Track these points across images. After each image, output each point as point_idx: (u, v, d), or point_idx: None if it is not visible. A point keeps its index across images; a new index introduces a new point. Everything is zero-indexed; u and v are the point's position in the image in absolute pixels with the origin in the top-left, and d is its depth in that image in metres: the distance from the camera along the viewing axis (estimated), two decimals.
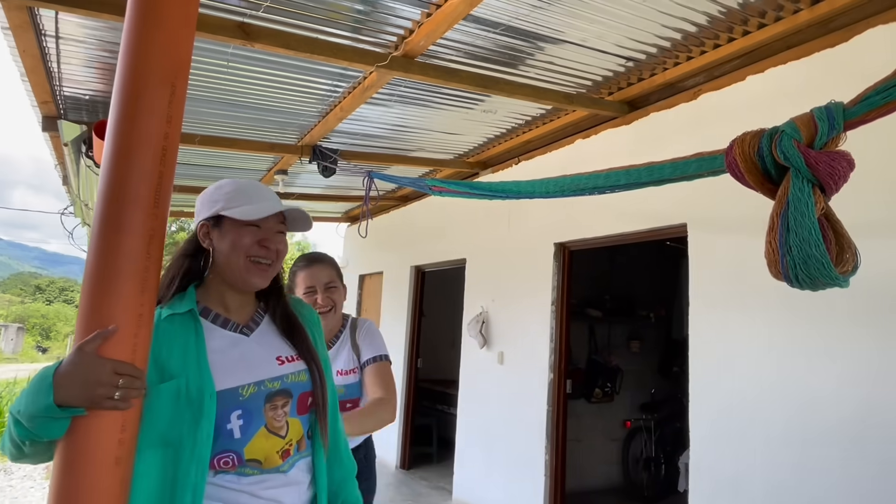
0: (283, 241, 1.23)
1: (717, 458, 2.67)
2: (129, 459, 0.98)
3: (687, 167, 1.33)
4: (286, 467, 1.16)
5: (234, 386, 1.12)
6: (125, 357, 0.97)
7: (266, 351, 1.20)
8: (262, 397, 1.14)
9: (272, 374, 1.17)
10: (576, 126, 3.76)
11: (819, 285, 1.06)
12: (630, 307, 5.44)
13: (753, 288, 2.61)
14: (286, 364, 1.20)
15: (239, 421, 1.11)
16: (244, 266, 1.18)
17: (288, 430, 1.17)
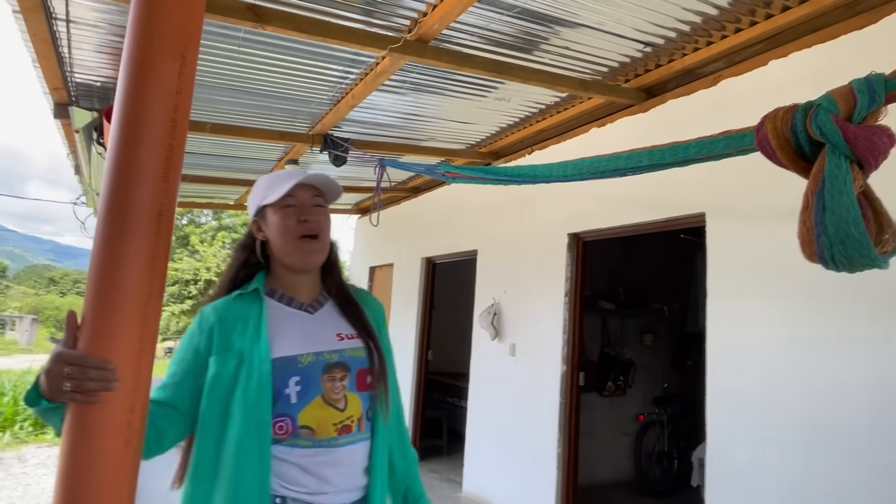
0: (322, 212, 1.27)
1: (733, 451, 2.62)
2: (138, 441, 0.95)
3: (714, 146, 1.27)
4: (342, 442, 1.18)
5: (293, 354, 1.18)
6: (135, 335, 0.94)
7: (327, 327, 1.26)
8: (320, 367, 1.19)
9: (331, 347, 1.22)
10: (591, 114, 3.69)
11: (857, 266, 1.00)
12: (643, 300, 5.37)
13: (773, 278, 2.54)
14: (345, 340, 1.25)
15: (297, 387, 1.16)
16: (294, 246, 1.24)
17: (347, 404, 1.20)
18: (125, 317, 0.94)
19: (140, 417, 0.96)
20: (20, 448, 5.83)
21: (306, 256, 1.24)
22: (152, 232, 0.97)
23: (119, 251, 0.95)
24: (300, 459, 1.15)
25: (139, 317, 0.95)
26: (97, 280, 0.95)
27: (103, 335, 0.93)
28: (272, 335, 1.19)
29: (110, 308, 0.93)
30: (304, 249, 1.24)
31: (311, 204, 1.27)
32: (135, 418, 0.94)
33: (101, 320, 0.94)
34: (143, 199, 0.97)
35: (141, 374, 0.95)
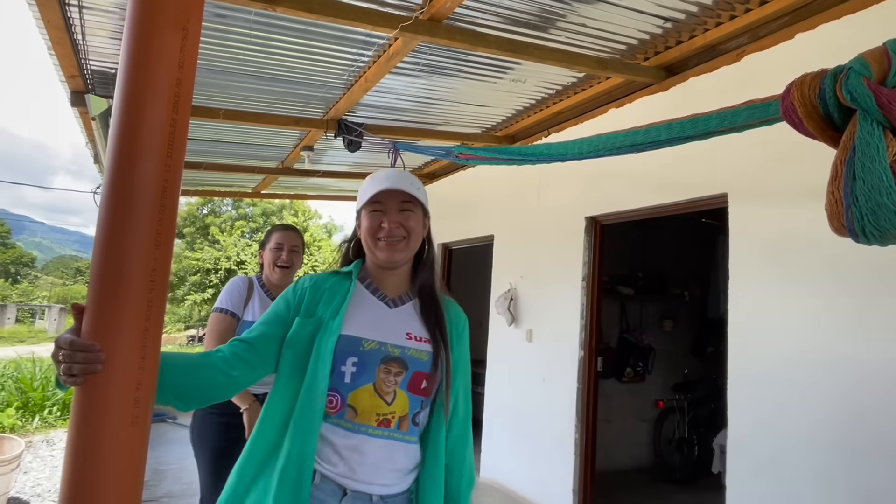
0: (408, 217, 1.34)
1: (756, 438, 2.56)
2: (145, 419, 0.95)
3: (736, 117, 1.21)
4: (377, 433, 1.22)
5: (359, 336, 1.25)
6: (141, 312, 0.94)
7: (400, 323, 1.31)
8: (380, 357, 1.24)
9: (396, 341, 1.27)
10: (609, 95, 3.61)
11: (890, 238, 0.95)
12: (663, 285, 5.29)
13: (798, 261, 2.46)
14: (412, 340, 1.29)
15: (353, 368, 1.22)
16: (373, 245, 1.33)
17: (395, 398, 1.24)
18: (130, 293, 0.93)
19: (147, 395, 0.95)
20: (49, 432, 5.99)
21: (380, 254, 1.32)
22: (156, 208, 0.96)
23: (123, 228, 0.94)
24: (338, 440, 1.21)
25: (145, 293, 0.94)
26: (102, 257, 0.94)
27: (108, 312, 0.92)
28: (348, 314, 1.27)
29: (116, 284, 0.93)
30: (380, 248, 1.32)
31: (398, 209, 1.34)
32: (142, 396, 0.94)
33: (106, 297, 0.93)
34: (147, 176, 0.95)
35: (147, 351, 0.95)
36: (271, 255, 2.40)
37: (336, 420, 1.22)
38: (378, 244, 1.32)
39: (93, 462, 0.90)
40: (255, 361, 1.24)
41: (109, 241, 0.94)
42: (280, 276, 2.39)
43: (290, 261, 2.39)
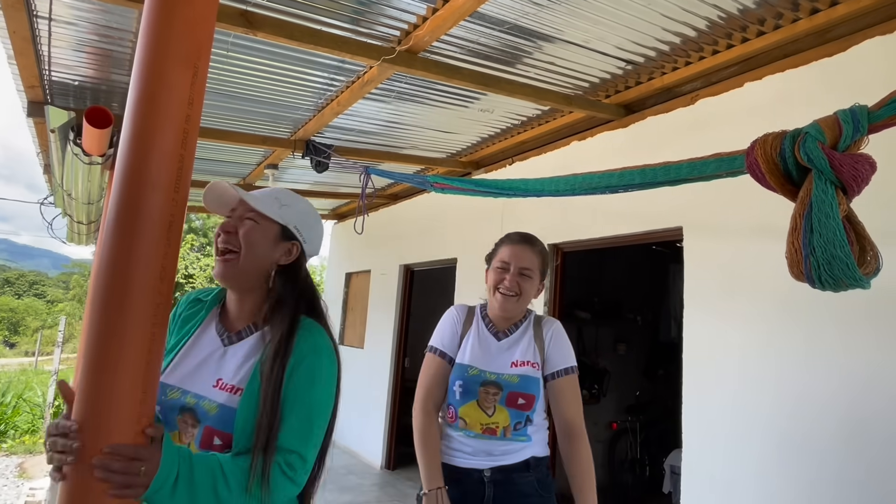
0: (245, 226, 1.18)
1: (710, 460, 2.70)
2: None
3: (705, 167, 1.33)
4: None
5: (165, 382, 1.13)
6: (144, 345, 0.94)
7: (218, 367, 1.16)
8: (177, 408, 1.12)
9: (200, 390, 1.13)
10: (571, 128, 3.77)
11: (842, 286, 1.06)
12: (618, 309, 5.48)
13: (749, 292, 2.64)
14: (219, 390, 1.12)
15: (160, 415, 1.11)
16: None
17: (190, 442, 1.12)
18: (134, 329, 0.93)
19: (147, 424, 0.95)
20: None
21: (216, 269, 1.21)
22: (162, 243, 0.97)
23: (128, 262, 0.94)
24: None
25: (148, 328, 0.94)
26: (105, 292, 0.94)
27: (112, 345, 0.92)
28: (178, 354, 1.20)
29: (120, 321, 0.92)
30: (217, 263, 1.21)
31: (238, 217, 1.22)
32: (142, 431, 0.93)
33: (109, 331, 0.92)
34: (154, 210, 0.96)
35: (148, 386, 0.94)
36: (494, 276, 1.76)
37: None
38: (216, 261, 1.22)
39: None
40: None
41: (114, 276, 0.94)
42: (504, 308, 1.72)
43: (514, 287, 1.71)
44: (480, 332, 1.76)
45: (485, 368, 1.65)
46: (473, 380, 1.63)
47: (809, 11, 2.36)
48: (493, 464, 1.62)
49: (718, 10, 2.37)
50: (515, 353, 1.71)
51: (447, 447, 1.66)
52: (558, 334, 1.74)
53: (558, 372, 1.69)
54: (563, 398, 1.68)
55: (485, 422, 1.60)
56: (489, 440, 1.63)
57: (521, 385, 1.62)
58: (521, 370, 1.67)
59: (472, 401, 1.62)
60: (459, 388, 1.63)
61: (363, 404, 6.14)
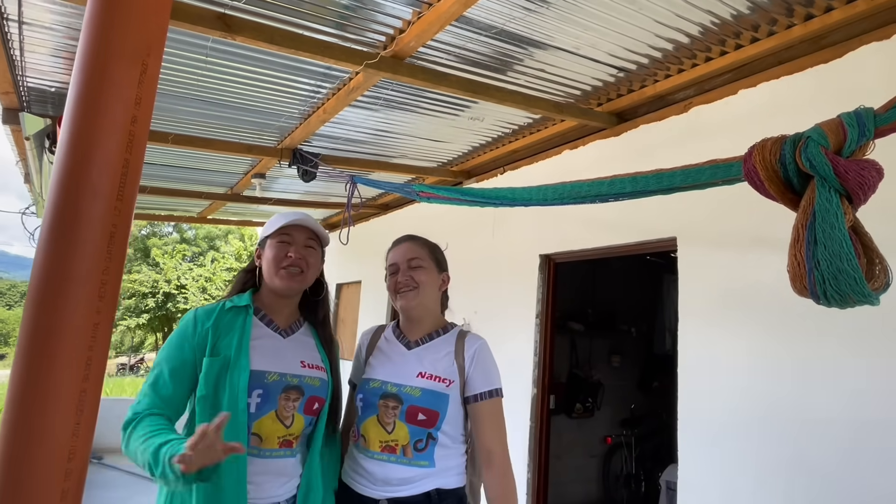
0: (312, 254, 1.50)
1: (706, 478, 2.60)
2: (77, 494, 0.84)
3: (700, 175, 1.25)
4: (281, 454, 1.36)
5: (262, 370, 1.36)
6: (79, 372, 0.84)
7: (295, 352, 1.44)
8: (281, 387, 1.36)
9: (294, 371, 1.40)
10: (563, 136, 3.71)
11: (849, 302, 0.98)
12: (612, 321, 5.40)
13: (746, 303, 2.56)
14: (306, 368, 1.43)
15: (258, 399, 1.33)
16: (275, 272, 1.45)
17: (293, 422, 1.38)
18: (66, 350, 0.84)
19: (80, 466, 0.85)
20: None
21: (282, 282, 1.44)
22: (103, 257, 0.87)
23: (63, 279, 0.85)
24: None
25: (83, 351, 0.85)
26: (36, 305, 0.84)
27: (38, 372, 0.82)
28: (252, 349, 1.37)
29: (50, 342, 0.83)
30: (283, 277, 1.44)
31: (303, 244, 1.48)
32: (74, 467, 0.84)
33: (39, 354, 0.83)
34: (93, 221, 0.87)
35: (83, 417, 0.85)
36: (389, 282, 1.73)
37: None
38: (280, 272, 1.44)
39: None
40: (175, 419, 1.33)
41: (46, 291, 0.84)
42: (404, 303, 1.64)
43: (409, 282, 1.64)
44: (389, 342, 1.65)
45: (386, 380, 1.53)
46: (373, 392, 1.51)
47: (804, 17, 2.30)
48: (390, 494, 1.44)
49: (712, 15, 2.31)
50: (424, 363, 1.55)
51: (351, 470, 1.53)
52: (482, 353, 1.59)
53: (480, 395, 1.53)
54: (481, 423, 1.52)
55: (384, 438, 1.47)
56: (387, 462, 1.45)
57: (423, 399, 1.47)
58: (425, 383, 1.51)
59: (373, 416, 1.49)
60: (360, 403, 1.53)
61: None
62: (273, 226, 1.49)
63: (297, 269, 1.45)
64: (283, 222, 1.46)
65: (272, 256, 1.45)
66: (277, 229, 1.46)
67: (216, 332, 1.36)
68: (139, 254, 21.31)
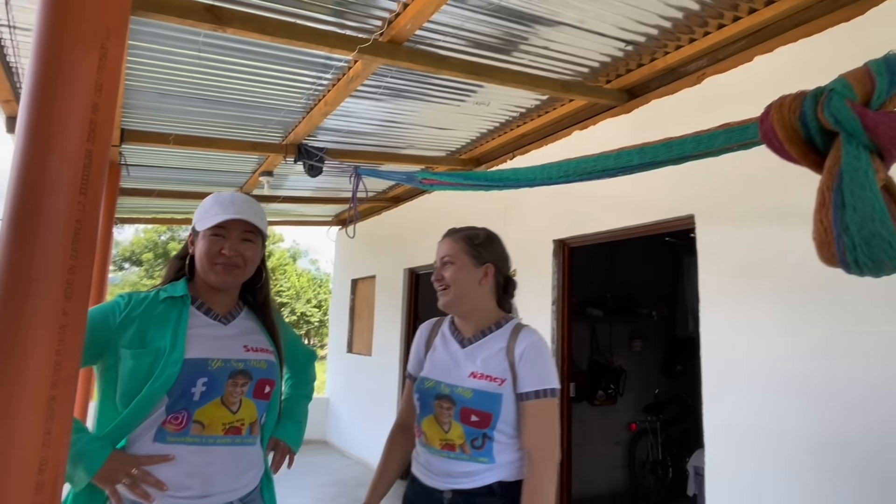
0: (249, 247, 1.39)
1: (735, 461, 2.50)
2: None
3: (712, 140, 1.15)
4: (225, 442, 1.30)
5: (205, 357, 1.30)
6: (45, 377, 0.79)
7: (236, 338, 1.39)
8: (227, 373, 1.31)
9: (238, 356, 1.35)
10: (572, 117, 3.59)
11: (884, 269, 0.88)
12: (631, 305, 5.28)
13: (769, 280, 2.44)
14: (251, 352, 1.38)
15: (203, 387, 1.27)
16: (209, 268, 1.36)
17: (240, 407, 1.33)
18: (31, 354, 0.78)
19: (54, 477, 0.80)
20: None
21: (217, 278, 1.36)
22: (67, 254, 0.82)
23: (24, 278, 0.80)
24: (184, 450, 1.26)
25: (50, 355, 0.80)
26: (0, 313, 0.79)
27: (7, 378, 0.77)
28: (188, 340, 1.30)
29: (11, 344, 0.78)
30: (217, 273, 1.35)
31: (240, 238, 1.37)
32: (46, 479, 0.79)
33: (3, 361, 0.78)
34: (55, 216, 0.82)
35: (54, 425, 0.80)
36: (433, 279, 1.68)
37: (183, 435, 1.26)
38: (214, 268, 1.35)
39: None
40: None
41: (6, 291, 0.79)
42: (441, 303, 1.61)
43: (440, 279, 1.60)
44: (445, 339, 1.62)
45: (441, 380, 1.51)
46: (428, 393, 1.50)
47: None
48: (452, 486, 1.44)
49: None
50: (477, 362, 1.50)
51: (417, 462, 1.56)
52: (533, 349, 1.49)
53: (526, 394, 1.45)
54: (526, 424, 1.44)
55: (442, 437, 1.47)
56: (448, 458, 1.46)
57: (475, 401, 1.43)
58: (477, 383, 1.46)
59: (430, 415, 1.49)
60: (418, 403, 1.53)
61: (373, 413, 5.99)
62: (207, 218, 1.36)
63: (233, 265, 1.36)
64: (217, 219, 1.33)
65: (205, 251, 1.35)
66: (212, 226, 1.34)
67: (144, 323, 1.29)
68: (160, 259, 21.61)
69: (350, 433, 6.67)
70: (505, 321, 1.59)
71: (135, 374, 1.24)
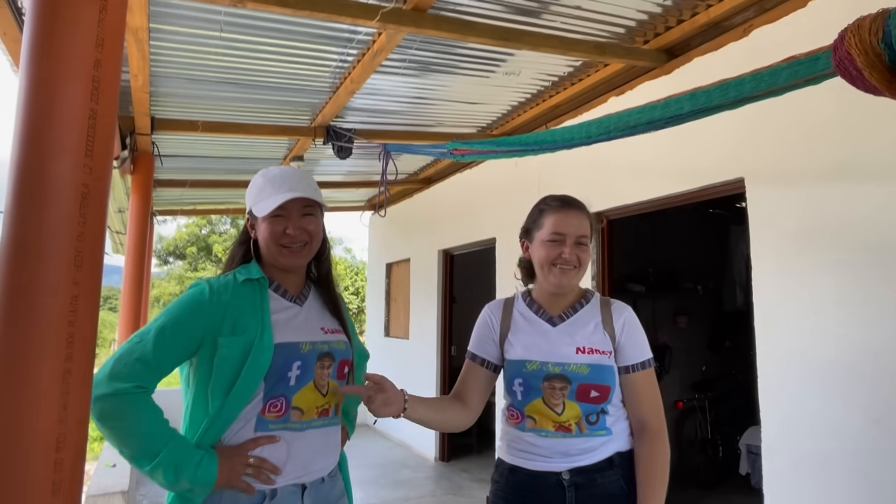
0: (312, 221, 1.35)
1: (794, 438, 2.35)
2: (72, 486, 0.75)
3: (775, 77, 1.02)
4: (319, 424, 1.31)
5: (295, 341, 1.29)
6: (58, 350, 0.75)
7: (314, 320, 1.37)
8: (315, 356, 1.31)
9: (320, 338, 1.34)
10: (608, 83, 3.42)
11: None
12: (675, 280, 5.08)
13: (829, 245, 2.26)
14: (329, 333, 1.37)
15: (297, 371, 1.27)
16: (277, 251, 1.32)
17: (328, 390, 1.33)
18: (42, 327, 0.74)
19: (74, 455, 0.76)
20: None
21: (286, 260, 1.33)
22: (75, 221, 0.77)
23: (31, 246, 0.75)
24: (289, 435, 1.26)
25: (63, 327, 0.75)
26: (6, 282, 0.75)
27: (13, 352, 0.73)
28: (273, 324, 1.28)
29: (22, 317, 0.74)
30: (285, 255, 1.32)
31: (300, 214, 1.33)
32: (66, 456, 0.74)
33: (11, 334, 0.74)
34: (59, 180, 0.77)
35: (70, 399, 0.75)
36: (545, 250, 1.49)
37: (285, 421, 1.26)
38: (282, 251, 1.32)
39: None
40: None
41: (15, 263, 0.75)
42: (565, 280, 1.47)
43: (574, 259, 1.47)
44: (528, 319, 1.51)
45: (546, 360, 1.42)
46: (534, 375, 1.41)
47: None
48: (571, 465, 1.39)
49: None
50: (577, 338, 1.44)
51: (517, 449, 1.45)
52: (632, 322, 1.50)
53: (634, 366, 1.45)
54: (639, 396, 1.45)
55: (556, 420, 1.39)
56: (564, 438, 1.40)
57: (593, 376, 1.39)
58: (589, 359, 1.42)
59: (538, 399, 1.40)
60: (521, 388, 1.42)
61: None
62: (261, 203, 1.31)
63: (299, 245, 1.33)
64: (274, 203, 1.28)
65: (269, 235, 1.31)
66: (273, 210, 1.29)
67: (233, 308, 1.25)
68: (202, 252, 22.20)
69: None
70: (590, 295, 1.57)
71: (230, 362, 1.22)
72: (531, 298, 1.55)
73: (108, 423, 1.13)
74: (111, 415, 1.13)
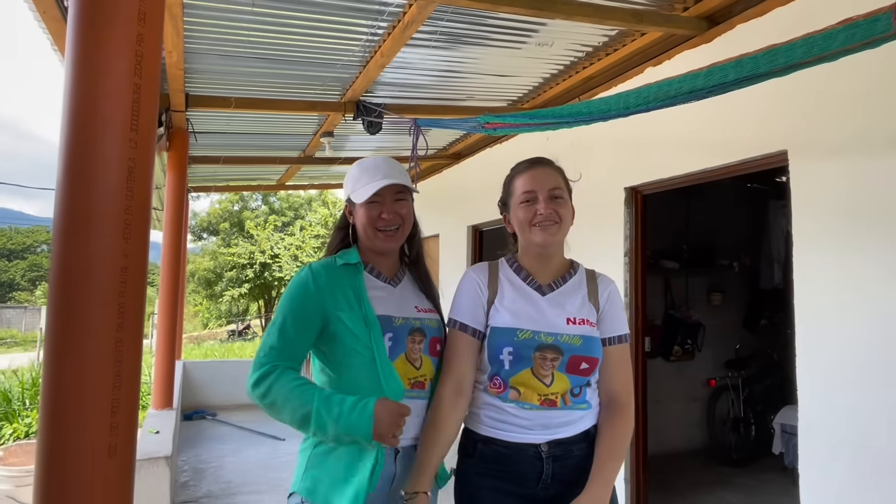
0: (404, 205, 1.47)
1: (833, 421, 2.30)
2: (126, 448, 0.79)
3: (829, 41, 0.97)
4: (413, 395, 1.40)
5: (389, 314, 1.41)
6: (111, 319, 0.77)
7: (408, 299, 1.49)
8: (407, 330, 1.42)
9: (413, 315, 1.46)
10: (645, 53, 3.31)
11: None
12: (709, 256, 4.97)
13: (875, 219, 2.17)
14: (422, 312, 1.48)
15: (389, 343, 1.39)
16: (374, 235, 1.44)
17: (422, 364, 1.43)
18: (95, 298, 0.77)
19: (127, 419, 0.79)
20: None
21: (381, 244, 1.45)
22: (123, 194, 0.79)
23: (83, 219, 0.77)
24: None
25: (114, 297, 0.78)
26: (60, 256, 0.78)
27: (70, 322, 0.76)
28: (372, 300, 1.41)
29: (76, 288, 0.76)
30: (381, 238, 1.44)
31: (393, 199, 1.44)
32: (120, 420, 0.78)
33: (66, 304, 0.77)
34: (106, 155, 0.78)
35: (123, 367, 0.78)
36: (522, 212, 1.47)
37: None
38: (378, 235, 1.43)
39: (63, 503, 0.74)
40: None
41: (67, 237, 0.77)
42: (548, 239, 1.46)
43: (552, 215, 1.44)
44: (516, 287, 1.47)
45: (538, 329, 1.38)
46: (526, 344, 1.37)
47: None
48: (550, 437, 1.38)
49: None
50: (567, 308, 1.43)
51: (494, 419, 1.41)
52: (616, 294, 1.53)
53: (612, 339, 1.46)
54: (614, 368, 1.45)
55: (543, 392, 1.37)
56: (548, 411, 1.38)
57: (584, 348, 1.38)
58: (580, 329, 1.40)
59: (526, 369, 1.37)
60: (509, 356, 1.37)
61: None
62: (359, 190, 1.44)
63: (393, 228, 1.45)
64: (370, 189, 1.41)
65: (366, 219, 1.44)
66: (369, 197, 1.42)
67: (336, 289, 1.39)
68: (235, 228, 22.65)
69: None
70: (577, 266, 1.57)
71: (344, 334, 1.36)
72: (518, 265, 1.51)
73: (266, 401, 1.29)
74: (265, 392, 1.29)
